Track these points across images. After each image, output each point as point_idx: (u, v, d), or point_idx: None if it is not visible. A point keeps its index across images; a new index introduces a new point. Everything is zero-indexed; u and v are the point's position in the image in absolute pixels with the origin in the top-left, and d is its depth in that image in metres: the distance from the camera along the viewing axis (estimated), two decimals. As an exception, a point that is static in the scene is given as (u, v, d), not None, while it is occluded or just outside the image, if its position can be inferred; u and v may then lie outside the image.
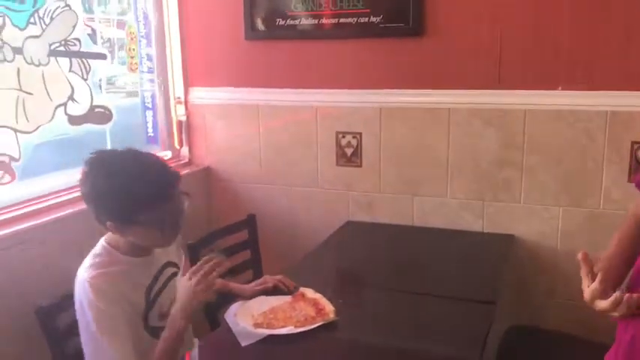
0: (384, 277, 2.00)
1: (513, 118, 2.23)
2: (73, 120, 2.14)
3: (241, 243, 2.40)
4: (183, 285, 1.48)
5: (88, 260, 1.52)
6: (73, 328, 1.66)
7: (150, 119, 2.66)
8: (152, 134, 2.68)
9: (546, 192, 2.23)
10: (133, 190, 1.43)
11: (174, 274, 1.66)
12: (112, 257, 1.52)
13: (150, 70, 2.58)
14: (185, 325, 1.46)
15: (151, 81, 2.62)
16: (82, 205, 2.03)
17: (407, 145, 2.39)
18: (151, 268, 1.59)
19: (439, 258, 2.17)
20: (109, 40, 2.35)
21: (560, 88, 2.14)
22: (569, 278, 2.24)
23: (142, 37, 2.52)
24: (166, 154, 2.69)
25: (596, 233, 2.18)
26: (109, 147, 2.24)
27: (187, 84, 2.72)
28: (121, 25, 2.44)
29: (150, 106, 2.65)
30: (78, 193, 2.09)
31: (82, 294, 1.46)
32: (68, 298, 1.66)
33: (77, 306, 1.48)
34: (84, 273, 1.48)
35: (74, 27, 2.11)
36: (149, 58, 2.58)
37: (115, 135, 2.33)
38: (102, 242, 1.55)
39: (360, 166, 2.48)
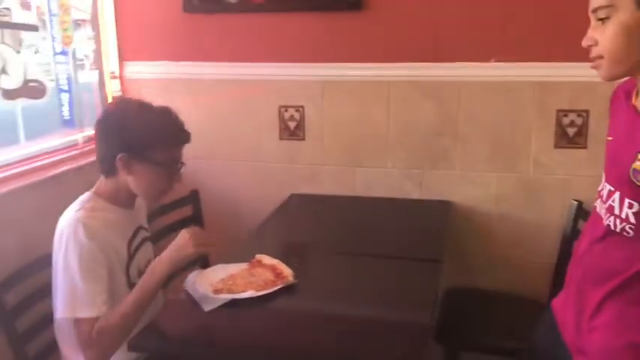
0: (334, 243, 2.06)
1: (449, 90, 2.34)
2: (7, 94, 2.04)
3: (185, 219, 2.38)
4: (179, 236, 1.55)
5: (75, 205, 1.55)
6: (23, 305, 1.63)
7: (66, 102, 2.51)
8: (68, 117, 2.53)
9: (480, 159, 2.37)
10: (160, 126, 1.55)
11: (147, 239, 1.71)
12: (100, 204, 1.57)
13: (64, 52, 2.43)
14: (166, 272, 1.52)
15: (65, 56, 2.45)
16: (24, 182, 2.00)
17: (349, 117, 2.45)
18: (132, 221, 1.65)
19: (384, 224, 2.26)
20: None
21: (492, 60, 2.27)
22: (503, 240, 2.41)
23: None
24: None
25: (527, 196, 2.34)
26: (21, 127, 2.21)
27: (122, 58, 2.64)
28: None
29: (65, 87, 2.52)
30: (23, 168, 2.06)
31: (69, 232, 1.48)
32: (16, 274, 1.63)
33: (59, 246, 1.50)
34: (73, 214, 1.51)
35: (4, -5, 2.01)
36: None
37: (28, 118, 2.23)
38: (89, 192, 1.60)
39: (304, 139, 2.52)
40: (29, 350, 1.64)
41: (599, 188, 1.25)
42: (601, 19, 1.11)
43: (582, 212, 2.13)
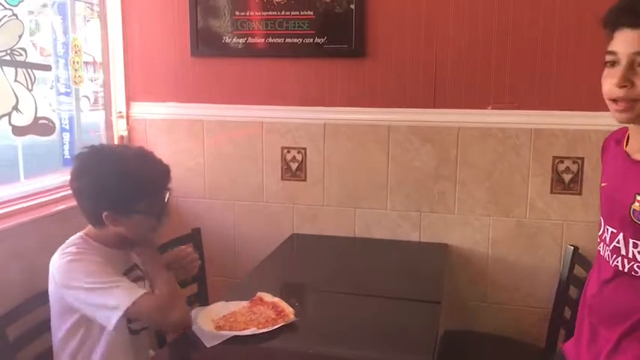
0: (333, 283, 2.08)
1: (448, 135, 2.41)
2: (17, 130, 2.09)
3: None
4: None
5: (63, 248, 1.55)
6: (24, 339, 1.64)
7: (67, 141, 2.55)
8: (69, 156, 2.56)
9: (478, 203, 2.42)
10: (139, 180, 1.51)
11: (141, 278, 1.68)
12: (89, 245, 1.57)
13: (66, 93, 2.48)
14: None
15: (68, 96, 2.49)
16: (29, 217, 2.04)
17: (350, 160, 2.51)
18: (124, 261, 1.65)
19: (383, 265, 2.28)
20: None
21: (490, 107, 2.34)
22: (500, 283, 2.43)
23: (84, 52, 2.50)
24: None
25: (523, 240, 2.38)
26: (21, 164, 2.22)
27: (129, 98, 2.71)
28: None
29: (67, 127, 2.56)
30: (22, 205, 2.09)
31: (63, 274, 1.49)
32: (19, 308, 1.64)
33: (55, 289, 1.52)
34: (61, 257, 1.52)
35: (20, 37, 2.08)
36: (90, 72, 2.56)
37: (28, 156, 2.27)
38: (78, 235, 1.60)
39: (305, 180, 2.57)
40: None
41: (600, 233, 1.29)
42: None
43: (578, 257, 2.17)
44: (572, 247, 2.20)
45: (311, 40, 2.46)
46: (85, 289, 1.48)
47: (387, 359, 1.55)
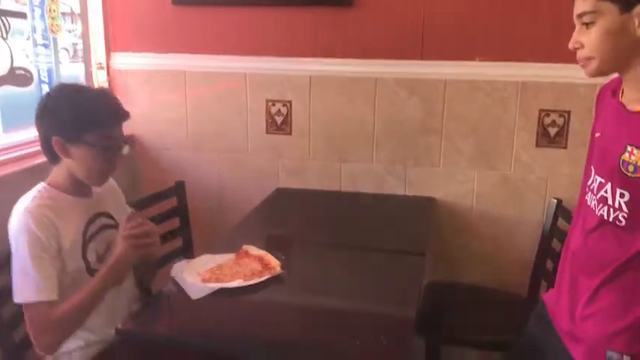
0: (319, 236, 2.08)
1: (435, 87, 2.38)
2: (-7, 81, 2.03)
3: (170, 210, 2.38)
4: (118, 243, 1.57)
5: (26, 197, 1.56)
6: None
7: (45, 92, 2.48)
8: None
9: (463, 157, 2.41)
10: (92, 107, 1.55)
11: (111, 226, 1.69)
12: (51, 194, 1.58)
13: (45, 45, 2.40)
14: (110, 280, 1.55)
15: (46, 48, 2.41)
16: (8, 170, 1.99)
17: (335, 113, 2.48)
18: (88, 209, 1.64)
19: (368, 219, 2.29)
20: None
21: (477, 59, 2.31)
22: (484, 236, 2.46)
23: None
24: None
25: (507, 193, 2.40)
26: None
27: (109, 49, 2.64)
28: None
29: (46, 79, 2.45)
30: (1, 157, 2.05)
31: (19, 225, 1.50)
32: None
33: (12, 236, 1.51)
34: (22, 205, 1.53)
35: (-8, -18, 2.00)
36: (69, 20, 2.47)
37: (6, 108, 2.21)
38: (41, 184, 1.60)
39: (290, 133, 2.54)
40: (16, 336, 1.63)
41: (589, 182, 1.31)
42: (586, 24, 1.19)
43: (562, 210, 2.19)
44: (556, 200, 2.21)
45: (296, -12, 2.39)
46: (16, 256, 1.49)
47: (372, 310, 1.57)
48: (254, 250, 1.78)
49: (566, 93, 2.26)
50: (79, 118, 1.53)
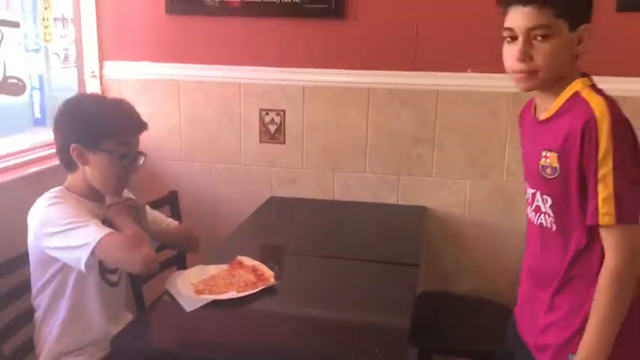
0: (312, 246, 2.09)
1: (427, 98, 2.40)
2: (-15, 90, 2.03)
3: (163, 219, 2.38)
4: None
5: (43, 197, 1.57)
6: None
7: (37, 100, 2.47)
8: (40, 116, 2.49)
9: (455, 166, 2.43)
10: (111, 116, 1.59)
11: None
12: (68, 195, 1.60)
13: (35, 50, 2.40)
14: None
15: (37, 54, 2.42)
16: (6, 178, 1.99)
17: (329, 122, 2.49)
18: (97, 214, 1.63)
19: (361, 228, 2.30)
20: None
21: (469, 70, 2.33)
22: (475, 245, 2.47)
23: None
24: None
25: (498, 203, 2.41)
26: None
27: (102, 57, 2.63)
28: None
29: (37, 86, 2.46)
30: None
31: (40, 221, 1.52)
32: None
33: (33, 241, 1.55)
34: (38, 206, 1.55)
35: (-15, -9, 1.99)
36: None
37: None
38: (58, 187, 1.62)
39: (284, 142, 2.55)
40: (5, 349, 1.63)
41: (527, 196, 1.40)
42: (540, 37, 1.23)
43: (552, 220, 2.20)
44: (547, 210, 2.23)
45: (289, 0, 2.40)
46: (58, 233, 1.49)
47: (366, 321, 1.58)
48: (248, 261, 1.78)
49: (556, 104, 2.28)
50: (98, 125, 1.57)
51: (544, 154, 1.27)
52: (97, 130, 1.57)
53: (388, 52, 2.39)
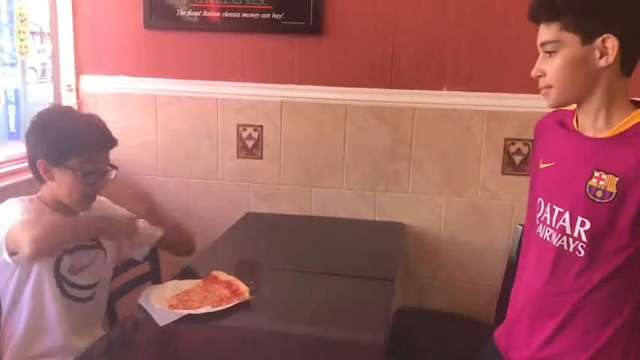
0: (288, 261, 2.08)
1: (403, 115, 2.42)
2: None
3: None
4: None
5: (16, 199, 1.58)
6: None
7: (12, 114, 2.44)
8: (14, 130, 2.46)
9: (431, 183, 2.45)
10: (76, 133, 1.58)
11: (92, 247, 1.69)
12: (39, 207, 1.59)
13: (11, 64, 2.38)
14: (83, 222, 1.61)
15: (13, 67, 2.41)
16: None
17: (306, 138, 2.50)
18: None
19: (338, 244, 2.30)
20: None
21: (445, 88, 2.37)
22: (451, 262, 2.49)
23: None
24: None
25: (473, 219, 2.44)
26: None
27: (79, 71, 2.62)
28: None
29: (12, 100, 2.43)
30: None
31: (5, 207, 1.54)
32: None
33: None
34: (8, 200, 1.57)
35: (-39, 2, 1.97)
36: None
37: None
38: (33, 196, 1.62)
39: (261, 158, 2.55)
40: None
41: (539, 215, 1.31)
42: (548, 52, 1.22)
43: (526, 236, 2.23)
44: (521, 227, 2.24)
45: (268, 16, 2.42)
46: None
47: (341, 337, 1.57)
48: (223, 276, 1.76)
49: (530, 122, 2.28)
50: (63, 142, 1.56)
51: (597, 174, 1.17)
52: (63, 147, 1.56)
53: (365, 69, 2.41)
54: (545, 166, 1.33)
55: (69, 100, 2.61)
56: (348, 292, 1.85)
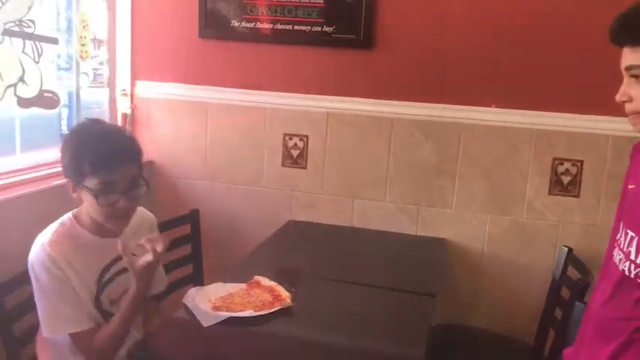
0: (329, 270, 2.09)
1: (450, 130, 2.42)
2: (22, 102, 2.09)
3: (183, 237, 2.41)
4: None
5: (52, 226, 1.57)
6: (21, 309, 1.64)
7: (65, 116, 2.53)
8: (66, 132, 2.51)
9: (476, 200, 2.43)
10: (89, 154, 1.48)
11: (126, 270, 1.59)
12: (74, 230, 1.57)
13: (67, 68, 2.46)
14: (139, 292, 1.53)
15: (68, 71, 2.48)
16: (33, 188, 2.05)
17: (351, 150, 2.52)
18: (105, 254, 1.60)
19: (379, 256, 2.30)
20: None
21: (493, 105, 2.36)
22: (493, 280, 2.46)
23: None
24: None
25: (518, 238, 2.41)
26: (18, 138, 2.23)
27: (134, 76, 2.71)
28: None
29: (66, 102, 2.50)
30: (26, 176, 2.11)
31: (38, 260, 1.51)
32: (17, 279, 1.65)
33: (32, 271, 1.53)
34: (44, 236, 1.53)
35: (30, 8, 2.07)
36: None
37: (27, 128, 2.26)
38: (69, 214, 1.60)
39: (305, 167, 2.58)
40: (23, 354, 1.65)
41: (618, 236, 1.25)
42: (635, 76, 1.14)
43: (572, 258, 2.19)
44: (567, 248, 2.22)
45: (319, 29, 2.46)
46: (37, 291, 1.52)
47: (380, 350, 1.57)
48: (265, 281, 1.79)
49: (579, 143, 2.29)
50: (75, 161, 1.50)
51: None
52: (76, 166, 1.50)
53: (413, 83, 2.43)
54: (631, 187, 1.27)
55: (123, 104, 2.70)
56: (389, 304, 1.85)
